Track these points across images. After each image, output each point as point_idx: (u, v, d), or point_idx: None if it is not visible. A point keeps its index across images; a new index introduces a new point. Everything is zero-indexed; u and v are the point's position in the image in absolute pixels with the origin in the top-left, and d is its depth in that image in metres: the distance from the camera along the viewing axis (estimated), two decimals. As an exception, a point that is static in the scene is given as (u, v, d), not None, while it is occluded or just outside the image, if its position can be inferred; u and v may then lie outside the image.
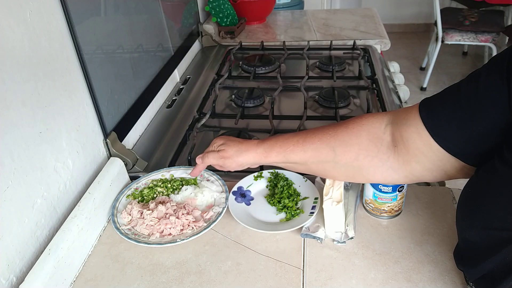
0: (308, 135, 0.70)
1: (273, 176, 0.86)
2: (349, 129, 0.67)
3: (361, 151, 0.65)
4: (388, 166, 0.65)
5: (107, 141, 0.90)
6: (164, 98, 1.25)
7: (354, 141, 0.66)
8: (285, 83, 1.27)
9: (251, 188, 0.85)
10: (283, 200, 0.79)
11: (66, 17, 0.76)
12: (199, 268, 0.69)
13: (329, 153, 0.68)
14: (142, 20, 1.12)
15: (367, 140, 0.65)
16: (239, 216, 0.76)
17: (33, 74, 0.68)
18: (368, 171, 0.67)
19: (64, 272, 0.67)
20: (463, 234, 0.58)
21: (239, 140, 0.78)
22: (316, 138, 0.69)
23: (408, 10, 4.26)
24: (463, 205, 0.57)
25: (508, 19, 3.22)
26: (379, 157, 0.65)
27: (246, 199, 0.83)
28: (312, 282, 0.66)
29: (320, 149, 0.68)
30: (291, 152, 0.71)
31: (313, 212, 0.76)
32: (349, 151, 0.66)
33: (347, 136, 0.67)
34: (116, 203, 0.81)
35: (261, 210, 0.80)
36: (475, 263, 0.55)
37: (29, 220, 0.67)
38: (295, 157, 0.71)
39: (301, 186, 0.83)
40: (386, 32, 1.66)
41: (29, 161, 0.67)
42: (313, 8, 2.51)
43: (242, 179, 0.86)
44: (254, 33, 1.77)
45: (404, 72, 1.58)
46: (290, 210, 0.78)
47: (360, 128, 0.66)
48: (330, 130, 0.69)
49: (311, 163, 0.70)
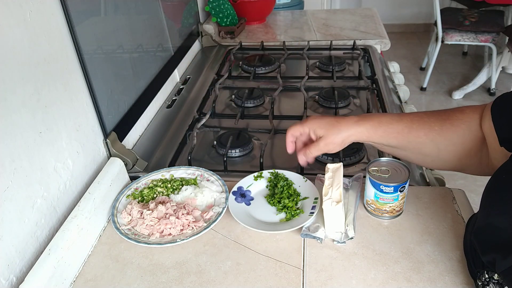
0: (414, 126, 0.70)
1: (273, 176, 0.86)
2: (455, 126, 0.68)
3: (464, 151, 0.68)
4: (483, 163, 0.67)
5: (107, 141, 0.90)
6: (164, 98, 1.25)
7: (459, 140, 0.67)
8: (285, 83, 1.27)
9: (251, 188, 0.85)
10: (283, 200, 0.79)
11: (66, 17, 0.76)
12: (199, 268, 0.69)
13: (433, 150, 0.69)
14: (142, 20, 1.12)
15: (468, 139, 0.67)
16: (239, 216, 0.76)
17: (33, 74, 0.68)
18: (466, 167, 0.70)
19: (64, 272, 0.67)
20: (489, 220, 0.57)
21: (330, 119, 0.75)
22: (422, 132, 0.69)
23: (408, 10, 4.26)
24: (493, 190, 0.57)
25: (508, 19, 3.22)
26: (478, 155, 0.67)
27: (246, 199, 0.82)
28: (312, 282, 0.66)
29: (425, 144, 0.69)
30: (394, 139, 0.71)
31: (313, 212, 0.76)
32: (453, 150, 0.68)
33: (454, 136, 0.68)
34: (116, 203, 0.81)
35: (261, 210, 0.80)
36: (505, 253, 0.53)
37: (29, 220, 0.67)
38: (398, 144, 0.72)
39: (301, 186, 0.83)
40: (386, 32, 1.66)
41: (29, 161, 0.67)
42: (313, 8, 2.51)
43: (242, 179, 0.85)
44: (254, 33, 1.77)
45: (404, 72, 1.58)
46: (290, 210, 0.77)
47: (464, 126, 0.67)
48: (436, 126, 0.69)
49: (411, 152, 0.72)
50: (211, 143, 1.04)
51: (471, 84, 3.12)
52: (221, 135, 1.04)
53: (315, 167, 0.92)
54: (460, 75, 3.44)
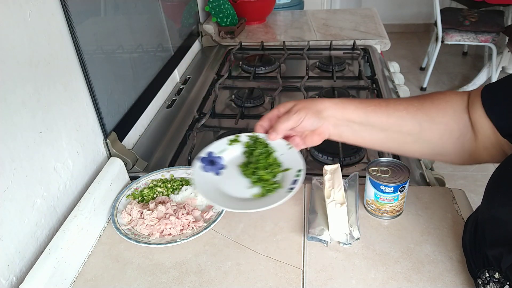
0: (391, 101, 0.66)
1: (252, 141, 0.71)
2: (436, 104, 0.64)
3: (446, 131, 0.64)
4: (466, 149, 0.64)
5: (107, 141, 0.90)
6: (164, 98, 1.25)
7: (441, 119, 0.64)
8: (285, 83, 1.27)
9: (224, 154, 0.71)
10: (259, 172, 0.66)
11: (66, 17, 0.76)
12: (199, 268, 0.69)
13: (415, 126, 0.64)
14: (142, 20, 1.12)
15: (452, 120, 0.63)
16: (202, 187, 0.64)
17: (33, 74, 0.68)
18: (447, 151, 0.66)
19: (64, 272, 0.67)
20: (492, 212, 0.56)
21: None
22: (401, 106, 0.65)
23: (408, 10, 4.26)
24: (497, 182, 0.56)
25: (508, 19, 3.22)
26: (460, 139, 0.64)
27: (215, 167, 0.69)
28: (312, 282, 0.66)
29: (405, 119, 0.64)
30: (373, 112, 0.65)
31: (292, 188, 0.63)
32: (435, 129, 0.64)
33: (434, 112, 0.64)
34: (116, 203, 0.81)
35: (232, 182, 0.67)
36: (510, 247, 0.52)
37: (29, 220, 0.67)
38: (377, 119, 0.65)
39: (284, 155, 0.68)
40: (386, 32, 1.66)
41: (29, 161, 0.67)
42: (313, 8, 2.50)
43: (213, 143, 0.72)
44: (254, 33, 1.77)
45: (404, 72, 1.59)
46: (266, 184, 0.65)
47: (446, 104, 0.64)
48: (415, 101, 0.65)
49: (392, 131, 0.66)
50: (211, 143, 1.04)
51: (471, 84, 3.12)
52: (221, 135, 1.04)
53: (315, 167, 0.92)
54: (460, 75, 3.44)
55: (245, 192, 0.66)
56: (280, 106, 0.68)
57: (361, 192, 0.80)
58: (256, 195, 0.65)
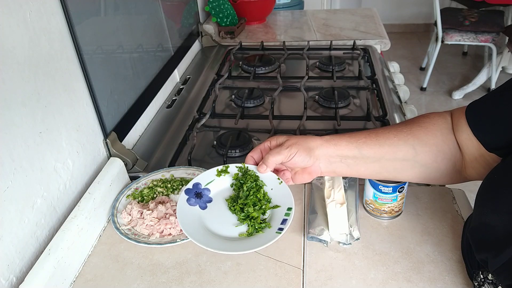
0: (379, 131, 0.66)
1: (242, 173, 0.69)
2: (424, 128, 0.65)
3: (439, 152, 0.64)
4: (457, 169, 0.65)
5: (107, 141, 0.90)
6: (164, 98, 1.25)
7: (432, 141, 0.64)
8: (285, 83, 1.27)
9: (212, 186, 0.68)
10: (247, 208, 0.64)
11: (66, 17, 0.76)
12: (199, 268, 0.69)
13: (409, 151, 0.64)
14: (142, 20, 1.12)
15: (441, 141, 0.64)
16: (185, 223, 0.61)
17: (33, 74, 0.68)
18: (442, 173, 0.66)
19: (64, 272, 0.67)
20: (483, 219, 0.56)
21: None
22: (391, 134, 0.65)
23: (408, 10, 4.26)
24: (486, 190, 0.56)
25: (508, 19, 3.22)
26: (452, 160, 0.64)
27: (201, 200, 0.66)
28: (312, 282, 0.66)
29: (398, 146, 0.64)
30: (364, 144, 0.65)
31: (282, 228, 0.61)
32: (429, 151, 0.64)
33: (424, 135, 0.64)
34: (116, 203, 0.81)
35: (218, 218, 0.64)
36: (497, 251, 0.53)
37: (29, 220, 0.67)
38: (370, 151, 0.65)
39: (273, 190, 0.67)
40: (386, 32, 1.66)
41: (29, 161, 0.67)
42: (313, 8, 2.51)
43: (201, 173, 0.69)
44: (254, 33, 1.77)
45: (404, 72, 1.59)
46: (254, 222, 0.63)
47: (433, 127, 0.65)
48: (403, 127, 0.66)
49: (386, 159, 0.65)
50: (211, 143, 1.04)
51: (471, 84, 3.12)
52: (221, 135, 1.04)
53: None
54: (460, 75, 3.44)
55: (231, 230, 0.63)
56: (272, 139, 0.68)
57: (360, 192, 0.80)
58: (243, 234, 0.63)
